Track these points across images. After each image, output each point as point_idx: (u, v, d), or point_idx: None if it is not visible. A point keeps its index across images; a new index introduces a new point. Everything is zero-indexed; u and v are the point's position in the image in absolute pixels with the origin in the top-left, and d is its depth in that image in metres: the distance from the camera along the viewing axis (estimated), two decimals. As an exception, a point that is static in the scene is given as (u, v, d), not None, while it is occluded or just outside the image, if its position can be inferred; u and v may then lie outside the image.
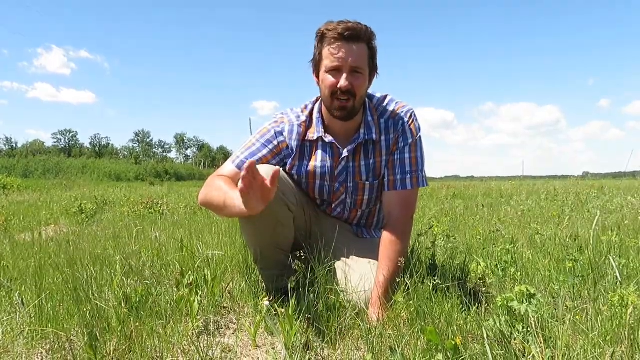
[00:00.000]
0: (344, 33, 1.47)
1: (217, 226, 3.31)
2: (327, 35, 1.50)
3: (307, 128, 1.66)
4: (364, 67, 1.52)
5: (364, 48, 1.51)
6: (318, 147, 1.67)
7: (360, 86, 1.53)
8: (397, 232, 1.57)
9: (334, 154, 1.66)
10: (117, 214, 5.31)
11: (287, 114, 1.69)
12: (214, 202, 1.48)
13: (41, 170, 30.78)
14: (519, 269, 1.85)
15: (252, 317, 1.52)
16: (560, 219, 3.45)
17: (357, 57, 1.50)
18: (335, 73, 1.51)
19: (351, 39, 1.48)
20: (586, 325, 1.23)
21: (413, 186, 1.63)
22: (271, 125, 1.67)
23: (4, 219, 4.53)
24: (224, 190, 1.43)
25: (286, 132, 1.66)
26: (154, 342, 1.28)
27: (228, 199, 1.37)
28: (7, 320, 1.47)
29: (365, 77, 1.54)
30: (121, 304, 1.45)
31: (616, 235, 2.24)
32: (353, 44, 1.48)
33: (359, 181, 1.68)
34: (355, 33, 1.48)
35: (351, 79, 1.50)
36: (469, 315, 1.36)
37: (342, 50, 1.48)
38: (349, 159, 1.66)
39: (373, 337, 1.25)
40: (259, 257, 1.61)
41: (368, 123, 1.63)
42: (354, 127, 1.64)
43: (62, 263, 2.08)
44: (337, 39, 1.48)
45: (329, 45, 1.50)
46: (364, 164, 1.66)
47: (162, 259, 2.21)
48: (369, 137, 1.62)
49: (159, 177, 35.63)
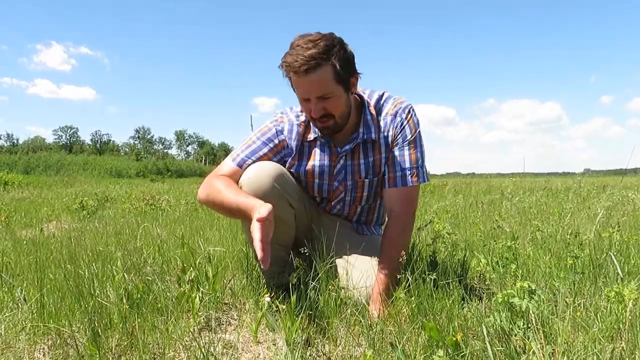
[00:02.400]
0: (300, 68, 1.42)
1: (219, 222, 3.32)
2: (287, 69, 1.46)
3: (307, 128, 1.66)
4: (331, 90, 1.47)
5: (325, 73, 1.44)
6: (316, 146, 1.67)
7: (334, 106, 1.50)
8: (399, 229, 1.58)
9: (332, 153, 1.66)
10: (119, 211, 5.32)
11: (287, 114, 1.69)
12: (216, 202, 1.51)
13: (42, 166, 30.85)
14: (519, 266, 1.85)
15: (253, 314, 1.52)
16: (561, 216, 3.45)
17: (319, 86, 1.45)
18: (307, 102, 1.51)
19: (309, 71, 1.42)
20: (586, 321, 1.23)
21: (414, 182, 1.63)
22: (272, 124, 1.67)
23: (6, 215, 4.55)
24: (233, 195, 1.45)
25: (286, 132, 1.66)
26: (156, 338, 1.29)
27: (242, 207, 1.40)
28: (10, 316, 1.47)
29: (336, 96, 1.50)
30: (123, 300, 1.45)
31: (617, 232, 2.24)
32: (312, 75, 1.43)
33: (358, 179, 1.68)
34: (311, 65, 1.41)
35: (322, 104, 1.49)
36: (469, 312, 1.36)
37: (303, 85, 1.47)
38: (347, 157, 1.66)
39: (374, 333, 1.25)
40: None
41: (367, 122, 1.62)
42: (350, 128, 1.64)
43: (64, 259, 2.09)
44: (296, 74, 1.44)
45: (293, 76, 1.47)
46: (363, 162, 1.66)
47: (163, 255, 2.21)
48: (368, 137, 1.62)
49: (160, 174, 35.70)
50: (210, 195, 1.53)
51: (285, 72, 1.48)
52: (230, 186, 1.50)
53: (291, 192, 1.57)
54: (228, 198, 1.46)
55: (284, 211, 1.54)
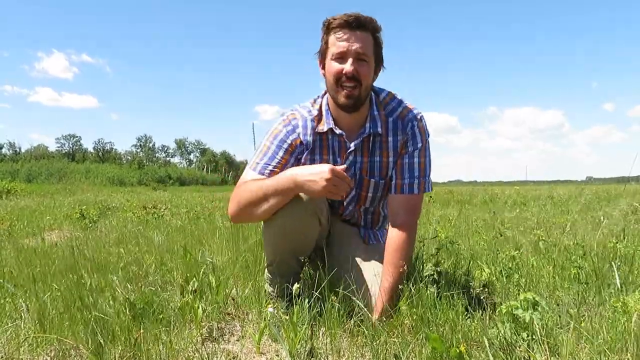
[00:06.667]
0: (350, 20, 1.50)
1: (220, 232, 3.32)
2: (333, 24, 1.52)
3: (319, 121, 1.67)
4: (369, 55, 1.54)
5: (369, 37, 1.54)
6: (327, 140, 1.67)
7: (365, 74, 1.54)
8: (402, 238, 1.58)
9: (342, 148, 1.67)
10: (120, 219, 5.32)
11: (298, 110, 1.69)
12: (253, 201, 1.49)
13: (44, 174, 30.92)
14: (523, 276, 1.84)
15: (256, 324, 1.52)
16: (564, 226, 3.44)
17: (362, 43, 1.52)
18: (340, 60, 1.53)
19: (357, 27, 1.51)
20: (591, 332, 1.23)
21: (420, 191, 1.63)
22: (282, 125, 1.67)
23: (8, 224, 4.55)
24: (269, 181, 1.48)
25: (300, 128, 1.65)
26: (159, 349, 1.28)
27: (282, 182, 1.44)
28: (12, 326, 1.47)
29: (370, 65, 1.55)
30: (125, 311, 1.45)
31: (620, 241, 2.23)
32: (358, 31, 1.51)
33: (364, 177, 1.69)
34: (361, 22, 1.51)
35: (356, 65, 1.52)
36: (473, 323, 1.35)
37: (348, 36, 1.51)
38: (356, 153, 1.67)
39: (378, 345, 1.25)
40: (274, 264, 1.62)
41: (374, 117, 1.63)
42: (360, 120, 1.64)
43: (66, 269, 2.09)
44: (342, 26, 1.51)
45: (335, 33, 1.53)
46: (370, 161, 1.67)
47: (165, 264, 2.21)
48: (375, 131, 1.63)
49: (162, 182, 35.75)
50: (243, 200, 1.51)
51: (332, 26, 1.52)
52: (260, 180, 1.52)
53: (323, 209, 1.58)
54: (266, 185, 1.47)
55: (312, 228, 1.55)
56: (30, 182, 24.26)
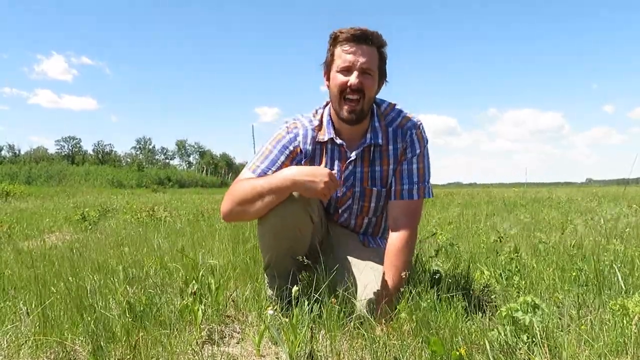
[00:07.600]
0: (357, 34, 1.53)
1: (220, 234, 3.32)
2: (340, 37, 1.55)
3: (319, 131, 1.69)
4: (374, 70, 1.57)
5: (374, 52, 1.57)
6: (327, 150, 1.68)
7: (369, 87, 1.56)
8: (402, 243, 1.58)
9: (342, 158, 1.68)
10: (120, 222, 5.32)
11: (299, 119, 1.72)
12: (247, 199, 1.50)
13: (44, 177, 30.88)
14: (523, 278, 1.84)
15: (256, 326, 1.52)
16: (564, 228, 3.44)
17: (368, 58, 1.54)
18: (346, 73, 1.55)
19: (363, 41, 1.54)
20: (591, 335, 1.23)
21: (419, 197, 1.65)
22: (285, 131, 1.69)
23: (8, 226, 4.55)
24: (263, 180, 1.50)
25: (300, 137, 1.67)
26: (158, 351, 1.28)
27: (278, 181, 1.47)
28: (12, 328, 1.47)
29: (374, 79, 1.58)
30: (125, 313, 1.45)
31: (620, 244, 2.23)
32: (365, 45, 1.54)
33: (366, 187, 1.69)
34: (367, 36, 1.54)
35: (361, 78, 1.54)
36: (473, 325, 1.35)
37: (354, 50, 1.54)
38: (356, 164, 1.68)
39: (377, 347, 1.25)
40: (271, 264, 1.62)
41: (375, 128, 1.65)
42: (361, 132, 1.66)
43: (66, 272, 2.09)
44: (349, 40, 1.54)
45: (342, 45, 1.55)
46: (370, 170, 1.67)
47: (165, 267, 2.21)
48: (375, 141, 1.64)
49: (162, 184, 35.73)
50: (237, 197, 1.52)
51: (339, 39, 1.55)
52: (254, 179, 1.54)
53: (314, 206, 1.58)
54: (261, 184, 1.48)
55: (304, 224, 1.55)
56: (29, 185, 24.21)
